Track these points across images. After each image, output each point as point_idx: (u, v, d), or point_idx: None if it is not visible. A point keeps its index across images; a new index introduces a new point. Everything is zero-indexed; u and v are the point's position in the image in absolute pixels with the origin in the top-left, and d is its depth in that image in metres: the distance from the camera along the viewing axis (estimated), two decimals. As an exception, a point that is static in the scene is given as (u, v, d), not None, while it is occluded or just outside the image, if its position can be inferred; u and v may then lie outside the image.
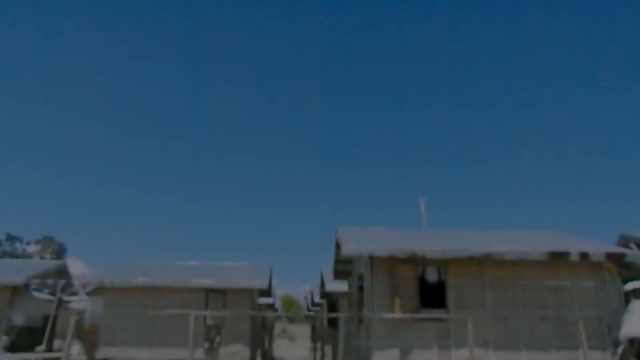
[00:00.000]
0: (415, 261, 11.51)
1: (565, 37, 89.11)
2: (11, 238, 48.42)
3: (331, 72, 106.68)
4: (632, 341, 10.44)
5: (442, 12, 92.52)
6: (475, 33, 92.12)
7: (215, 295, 17.30)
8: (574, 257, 11.46)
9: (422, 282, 11.66)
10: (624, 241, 15.07)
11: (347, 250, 11.70)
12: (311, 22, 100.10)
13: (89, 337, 10.35)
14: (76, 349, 14.91)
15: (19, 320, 17.72)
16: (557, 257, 11.50)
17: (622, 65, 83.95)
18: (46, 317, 17.91)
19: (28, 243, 49.57)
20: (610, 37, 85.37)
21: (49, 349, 16.96)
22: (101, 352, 16.24)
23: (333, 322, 20.09)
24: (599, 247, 12.12)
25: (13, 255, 46.23)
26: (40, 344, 16.20)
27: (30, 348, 17.29)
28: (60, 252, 49.80)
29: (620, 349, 10.46)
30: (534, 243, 12.56)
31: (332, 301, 21.17)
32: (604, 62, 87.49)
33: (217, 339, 16.84)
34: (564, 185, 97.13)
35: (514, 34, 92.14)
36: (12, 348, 16.86)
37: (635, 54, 78.99)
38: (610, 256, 11.62)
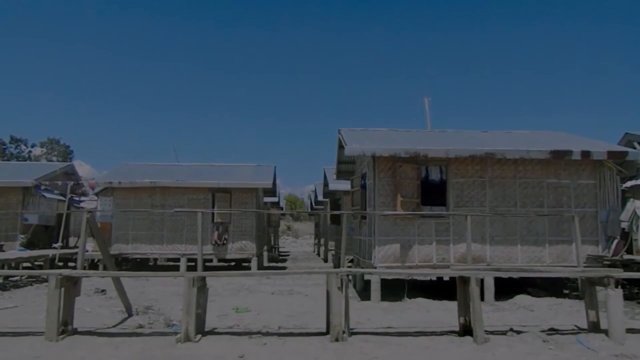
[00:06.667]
0: (417, 160, 11.60)
1: None
2: (16, 140, 48.43)
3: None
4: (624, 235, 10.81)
5: None
6: None
7: (221, 194, 17.73)
8: (576, 155, 11.49)
9: (424, 180, 11.82)
10: (628, 140, 15.01)
11: (350, 150, 11.74)
12: None
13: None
14: (90, 245, 15.57)
15: (33, 219, 18.35)
16: (559, 156, 11.55)
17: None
18: (59, 216, 18.53)
19: (33, 145, 49.70)
20: None
21: (65, 245, 17.72)
22: (114, 248, 17.01)
23: (335, 219, 20.77)
24: (601, 146, 12.11)
25: (19, 157, 46.49)
26: (55, 241, 16.91)
27: (46, 245, 18.09)
28: (66, 155, 50.19)
29: (613, 244, 10.88)
30: (537, 142, 12.54)
31: (334, 200, 21.72)
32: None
33: (225, 235, 17.53)
34: (572, 88, 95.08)
35: None
36: (29, 245, 17.65)
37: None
38: (612, 155, 11.63)
